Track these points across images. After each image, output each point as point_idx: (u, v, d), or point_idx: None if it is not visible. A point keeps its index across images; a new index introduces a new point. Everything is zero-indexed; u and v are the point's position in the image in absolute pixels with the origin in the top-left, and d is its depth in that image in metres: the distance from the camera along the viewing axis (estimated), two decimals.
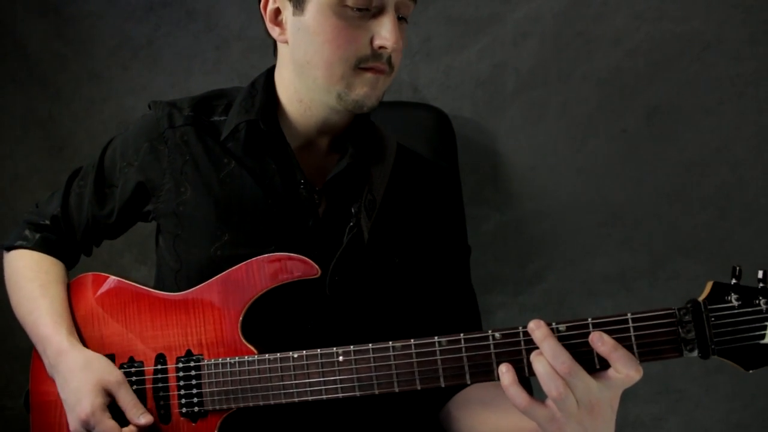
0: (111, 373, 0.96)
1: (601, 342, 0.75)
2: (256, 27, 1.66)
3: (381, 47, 0.92)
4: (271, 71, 1.06)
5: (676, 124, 1.58)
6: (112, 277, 1.05)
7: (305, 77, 0.96)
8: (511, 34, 1.60)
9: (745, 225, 1.58)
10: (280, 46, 1.01)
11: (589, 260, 1.65)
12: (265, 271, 0.94)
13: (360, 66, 0.93)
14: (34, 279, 1.08)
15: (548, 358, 0.76)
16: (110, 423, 0.92)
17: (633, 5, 1.55)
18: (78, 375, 0.96)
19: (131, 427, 0.93)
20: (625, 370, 0.74)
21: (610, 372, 0.75)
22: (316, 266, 0.93)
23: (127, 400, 0.94)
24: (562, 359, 0.75)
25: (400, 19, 0.95)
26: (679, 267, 1.62)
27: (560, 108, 1.61)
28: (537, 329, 0.77)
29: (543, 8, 1.58)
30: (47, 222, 1.13)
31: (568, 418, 0.75)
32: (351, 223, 0.99)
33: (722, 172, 1.58)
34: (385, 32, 0.91)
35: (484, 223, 1.67)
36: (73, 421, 0.95)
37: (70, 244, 1.14)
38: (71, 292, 1.08)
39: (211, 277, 0.97)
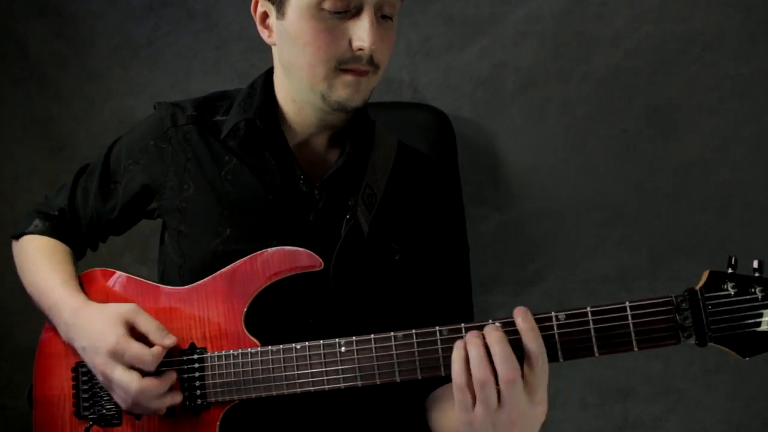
0: (125, 305, 0.97)
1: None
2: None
3: (359, 48, 0.93)
4: (270, 71, 1.08)
5: (676, 124, 1.58)
6: (120, 272, 1.06)
7: (292, 78, 0.99)
8: (511, 34, 1.60)
9: (745, 225, 1.58)
10: (273, 48, 1.04)
11: (589, 260, 1.65)
12: (268, 264, 0.96)
13: (341, 67, 0.94)
14: (47, 257, 1.10)
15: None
16: (138, 345, 0.92)
17: (633, 5, 1.55)
18: (96, 318, 0.97)
19: (158, 347, 0.93)
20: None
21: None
22: (320, 259, 0.94)
23: (148, 324, 0.95)
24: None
25: (384, 17, 0.95)
26: (679, 267, 1.62)
27: (560, 108, 1.61)
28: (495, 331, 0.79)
29: (543, 8, 1.58)
30: (55, 213, 1.15)
31: (485, 412, 0.77)
32: (347, 216, 1.00)
33: (722, 172, 1.58)
34: (362, 33, 0.92)
35: (484, 223, 1.67)
36: (100, 361, 0.93)
37: (76, 236, 1.16)
38: (81, 286, 1.08)
39: (213, 272, 0.98)
